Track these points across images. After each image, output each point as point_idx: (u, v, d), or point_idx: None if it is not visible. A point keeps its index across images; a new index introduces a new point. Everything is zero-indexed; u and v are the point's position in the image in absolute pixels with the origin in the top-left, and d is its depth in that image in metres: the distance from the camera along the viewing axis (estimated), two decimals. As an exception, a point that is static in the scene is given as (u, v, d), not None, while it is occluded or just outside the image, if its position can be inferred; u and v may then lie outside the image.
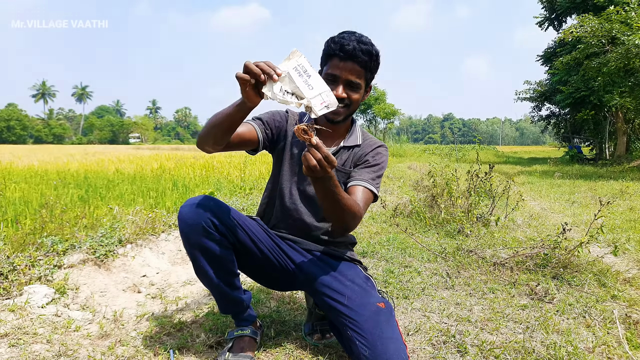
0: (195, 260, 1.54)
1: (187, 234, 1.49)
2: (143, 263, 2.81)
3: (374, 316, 1.48)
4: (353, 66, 1.57)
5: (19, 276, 2.28)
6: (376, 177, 1.70)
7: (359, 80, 1.60)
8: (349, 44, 1.54)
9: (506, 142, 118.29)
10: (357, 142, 1.77)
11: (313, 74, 1.26)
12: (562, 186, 8.75)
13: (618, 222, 4.69)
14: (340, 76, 1.58)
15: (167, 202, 4.81)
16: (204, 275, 1.57)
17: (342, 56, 1.56)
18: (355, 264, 1.80)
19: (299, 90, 1.23)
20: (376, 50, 1.61)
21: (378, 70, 1.68)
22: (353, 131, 1.79)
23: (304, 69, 1.25)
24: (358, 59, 1.56)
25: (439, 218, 4.27)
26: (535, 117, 27.25)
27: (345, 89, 1.59)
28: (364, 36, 1.60)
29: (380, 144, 1.81)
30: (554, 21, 21.82)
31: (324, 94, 1.26)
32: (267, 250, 1.67)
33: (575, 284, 2.66)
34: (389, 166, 11.60)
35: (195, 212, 1.47)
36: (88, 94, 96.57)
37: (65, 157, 14.78)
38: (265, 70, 1.20)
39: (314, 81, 1.25)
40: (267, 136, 1.70)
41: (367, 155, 1.75)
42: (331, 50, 1.58)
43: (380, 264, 3.06)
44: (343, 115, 1.65)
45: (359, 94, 1.63)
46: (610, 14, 12.14)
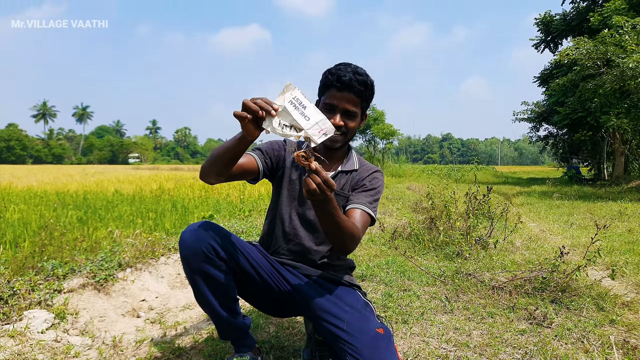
0: (196, 285, 1.55)
1: (188, 259, 1.51)
2: (142, 287, 2.82)
3: (373, 342, 1.48)
4: (349, 96, 1.65)
5: (19, 301, 2.29)
6: (373, 201, 1.74)
7: (355, 109, 1.68)
8: (345, 75, 1.62)
9: (505, 162, 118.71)
10: (354, 167, 1.83)
11: (308, 105, 1.31)
12: (561, 207, 8.77)
13: (616, 244, 4.70)
14: (337, 105, 1.65)
15: (166, 224, 4.83)
16: (203, 300, 1.59)
17: (339, 86, 1.63)
18: (354, 289, 1.82)
19: (296, 122, 1.28)
20: (371, 81, 1.69)
21: (373, 99, 1.76)
22: (350, 157, 1.85)
23: (299, 102, 1.30)
24: (354, 89, 1.64)
25: (438, 240, 4.28)
26: (534, 137, 27.41)
27: (343, 117, 1.66)
28: (359, 67, 1.68)
29: (376, 169, 1.87)
30: (550, 43, 22.17)
31: (320, 122, 1.31)
32: (266, 275, 1.69)
33: (573, 308, 2.66)
34: (388, 187, 11.64)
35: (196, 237, 1.50)
36: (89, 114, 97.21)
37: (64, 178, 14.82)
38: (262, 107, 1.26)
39: (310, 112, 1.31)
40: (267, 165, 1.75)
41: (364, 179, 1.80)
42: (328, 81, 1.66)
43: (380, 287, 3.07)
44: (340, 142, 1.71)
45: (355, 122, 1.71)
46: (605, 37, 12.36)
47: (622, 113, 12.80)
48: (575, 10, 20.42)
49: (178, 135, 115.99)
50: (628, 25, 11.86)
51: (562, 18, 20.86)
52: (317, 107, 1.34)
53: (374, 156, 22.60)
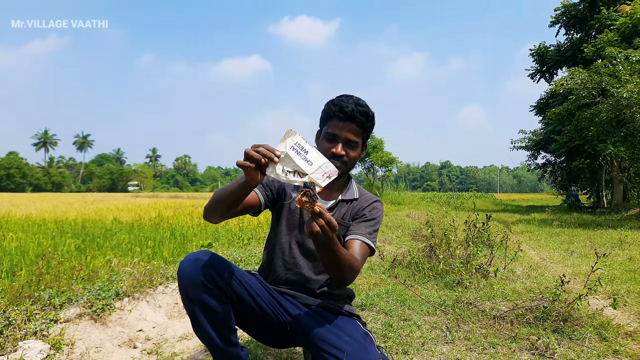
0: (193, 315, 1.54)
1: (186, 288, 1.51)
2: (139, 317, 2.78)
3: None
4: (351, 126, 1.70)
5: (14, 331, 2.26)
6: (373, 231, 1.76)
7: (357, 139, 1.73)
8: (347, 106, 1.68)
9: (504, 190, 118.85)
10: (355, 195, 1.85)
11: (310, 149, 1.33)
12: (561, 235, 8.74)
13: (617, 272, 4.67)
14: (339, 135, 1.70)
15: (164, 252, 4.80)
16: (201, 330, 1.57)
17: (342, 117, 1.69)
18: (354, 319, 1.80)
19: (299, 167, 1.31)
20: (372, 112, 1.75)
21: (373, 130, 1.80)
22: (350, 186, 1.87)
23: (300, 147, 1.32)
24: (356, 120, 1.69)
25: (438, 269, 4.25)
26: (532, 165, 27.56)
27: (344, 147, 1.71)
28: (361, 99, 1.74)
29: (376, 199, 1.89)
30: (545, 73, 22.58)
31: (323, 165, 1.33)
32: (265, 305, 1.68)
33: (576, 338, 2.63)
34: (387, 214, 11.63)
35: (195, 266, 1.50)
36: (89, 143, 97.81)
37: (63, 206, 14.80)
38: (265, 155, 1.29)
39: (312, 156, 1.33)
40: (268, 198, 1.78)
41: (365, 209, 1.82)
42: (331, 112, 1.71)
43: (379, 317, 3.03)
44: (341, 171, 1.73)
45: (356, 152, 1.75)
46: (599, 67, 12.61)
47: (619, 141, 12.91)
48: (569, 42, 20.92)
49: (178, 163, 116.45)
50: (621, 56, 12.12)
51: (556, 49, 21.33)
52: (319, 151, 1.35)
53: (373, 184, 22.64)
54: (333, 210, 1.80)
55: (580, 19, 19.89)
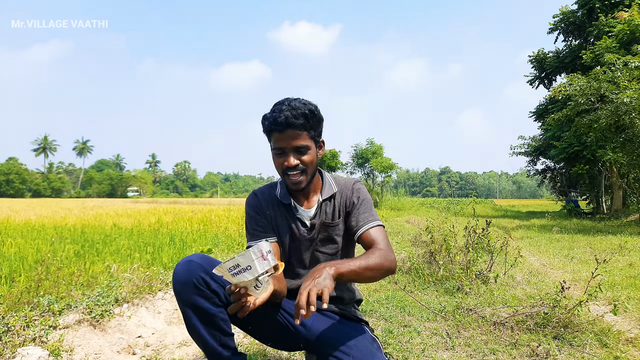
0: (187, 317, 1.53)
1: (179, 291, 1.49)
2: (139, 323, 2.78)
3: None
4: (293, 133, 1.62)
5: (13, 337, 2.25)
6: (372, 211, 1.79)
7: (305, 142, 1.65)
8: (279, 116, 1.60)
9: (504, 196, 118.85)
10: (333, 190, 1.83)
11: (239, 260, 1.30)
12: (561, 241, 8.73)
13: (617, 279, 4.66)
14: (285, 147, 1.64)
15: (163, 258, 4.79)
16: (195, 333, 1.55)
17: (279, 129, 1.61)
18: (362, 324, 1.80)
19: (252, 279, 1.30)
20: (310, 109, 1.65)
21: (322, 124, 1.73)
22: (325, 183, 1.84)
23: (232, 269, 1.30)
24: (294, 125, 1.61)
25: (438, 275, 4.25)
26: (531, 171, 27.59)
27: (295, 155, 1.65)
28: (295, 100, 1.65)
29: (354, 181, 1.88)
30: (544, 79, 22.67)
31: (255, 256, 1.30)
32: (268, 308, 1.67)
33: (576, 344, 2.62)
34: (387, 220, 11.63)
35: (188, 269, 1.49)
36: (89, 148, 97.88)
37: (62, 211, 14.78)
38: (239, 301, 1.32)
39: (243, 261, 1.30)
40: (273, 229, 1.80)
41: (352, 197, 1.81)
42: (268, 127, 1.65)
43: (380, 323, 3.02)
44: (305, 181, 1.69)
45: (310, 155, 1.68)
46: (598, 74, 12.66)
47: (618, 147, 12.95)
48: (568, 48, 21.04)
49: (177, 168, 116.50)
50: (620, 63, 12.17)
51: (555, 55, 21.44)
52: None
53: (373, 189, 22.63)
54: (316, 216, 1.79)
55: (578, 25, 20.02)
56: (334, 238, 1.80)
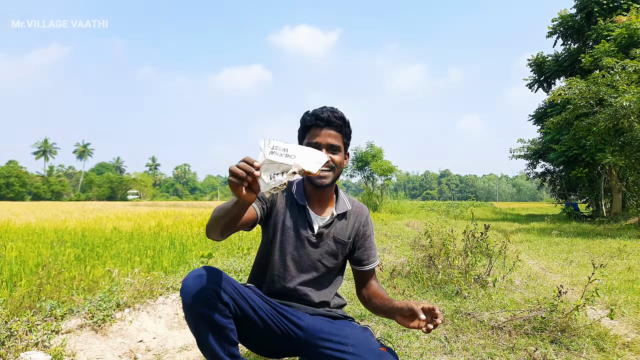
0: (199, 331, 1.56)
1: (191, 305, 1.52)
2: (140, 328, 2.80)
3: (379, 358, 1.59)
4: (330, 131, 1.75)
5: (16, 342, 2.27)
6: (375, 246, 1.98)
7: (338, 143, 1.78)
8: (323, 113, 1.74)
9: (503, 198, 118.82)
10: (347, 207, 1.91)
11: (289, 146, 1.28)
12: (560, 244, 8.76)
13: (616, 283, 4.69)
14: (321, 142, 1.74)
15: (164, 262, 4.82)
16: (206, 345, 1.58)
17: (320, 124, 1.74)
18: (349, 320, 1.90)
19: (285, 165, 1.26)
20: (347, 119, 1.82)
21: (351, 137, 1.88)
22: (339, 197, 1.91)
23: (278, 149, 1.26)
24: (334, 124, 1.75)
25: (437, 279, 4.27)
26: (531, 174, 27.65)
27: (329, 152, 1.75)
28: (334, 107, 1.80)
29: (367, 211, 2.01)
30: (543, 83, 22.76)
31: (309, 154, 1.30)
32: (267, 317, 1.71)
33: (573, 348, 2.65)
34: (387, 223, 11.66)
35: (199, 283, 1.52)
36: (89, 152, 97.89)
37: (63, 215, 14.80)
38: (245, 169, 1.25)
39: (294, 150, 1.28)
40: (264, 211, 1.80)
41: (365, 228, 1.94)
42: (308, 122, 1.77)
43: (378, 327, 3.05)
44: (330, 179, 1.77)
45: (340, 157, 1.79)
46: (597, 78, 12.71)
47: (617, 150, 12.99)
48: (566, 52, 21.12)
49: (177, 171, 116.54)
50: (618, 67, 12.23)
51: (554, 59, 21.53)
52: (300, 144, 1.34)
53: (373, 192, 22.65)
54: (330, 227, 1.85)
55: (577, 29, 20.10)
56: (339, 255, 1.88)
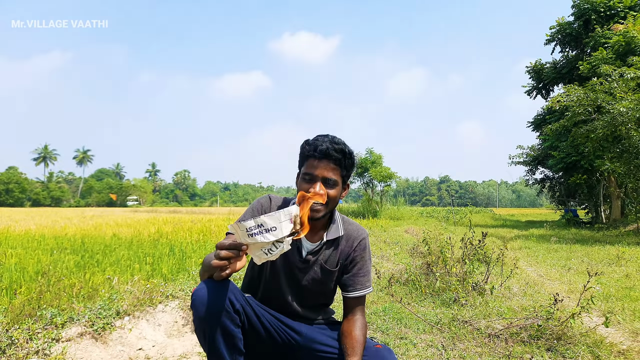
0: (213, 342, 1.54)
1: (205, 313, 1.50)
2: (139, 335, 2.82)
3: (377, 354, 1.65)
4: (327, 164, 1.69)
5: (17, 350, 2.30)
6: (368, 274, 1.87)
7: (335, 177, 1.71)
8: (322, 145, 1.68)
9: (503, 205, 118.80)
10: (339, 233, 1.85)
11: (261, 220, 1.30)
12: (559, 251, 8.78)
13: (613, 290, 4.71)
14: (316, 175, 1.68)
15: (163, 269, 4.83)
16: (217, 354, 1.57)
17: (317, 156, 1.68)
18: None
19: (273, 239, 1.30)
20: (349, 150, 1.74)
21: (354, 169, 1.80)
22: (333, 222, 1.86)
23: (255, 227, 1.30)
24: (332, 157, 1.68)
25: (435, 286, 4.30)
26: (530, 180, 27.70)
27: (322, 186, 1.68)
28: (336, 137, 1.75)
29: (362, 235, 1.90)
30: (542, 90, 22.86)
31: (282, 217, 1.31)
32: (270, 326, 1.74)
33: (569, 356, 2.67)
34: (386, 230, 11.66)
35: (214, 292, 1.51)
36: (89, 158, 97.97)
37: (62, 221, 14.81)
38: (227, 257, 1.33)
39: (269, 222, 1.31)
40: None
41: (355, 252, 1.86)
42: (306, 152, 1.72)
43: (376, 335, 3.07)
44: (322, 212, 1.72)
45: (335, 191, 1.72)
46: (594, 85, 12.80)
47: (615, 157, 13.05)
48: (564, 59, 21.23)
49: (177, 177, 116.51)
50: (616, 74, 12.32)
51: (552, 66, 21.64)
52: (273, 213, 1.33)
53: (372, 199, 22.67)
54: (318, 254, 1.82)
55: (575, 37, 20.24)
56: (326, 282, 1.85)
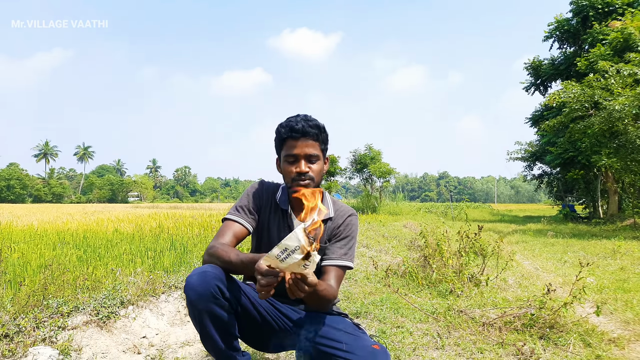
0: (203, 325, 1.64)
1: (196, 301, 1.59)
2: (143, 324, 2.90)
3: (372, 356, 1.63)
4: (306, 141, 1.76)
5: (24, 337, 2.37)
6: (348, 250, 1.87)
7: (316, 152, 1.79)
8: (297, 124, 1.75)
9: (502, 200, 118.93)
10: (330, 214, 1.91)
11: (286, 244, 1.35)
12: (556, 245, 8.87)
13: (607, 282, 4.80)
14: (298, 154, 1.76)
15: (165, 262, 4.91)
16: (209, 339, 1.67)
17: (295, 136, 1.76)
18: (343, 317, 1.94)
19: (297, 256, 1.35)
20: (322, 124, 1.83)
21: (329, 141, 1.88)
22: (324, 203, 1.90)
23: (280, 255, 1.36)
24: (309, 134, 1.76)
25: (431, 278, 4.38)
26: (528, 176, 27.81)
27: (306, 163, 1.77)
28: (307, 115, 1.82)
29: (350, 212, 1.95)
30: (540, 86, 22.92)
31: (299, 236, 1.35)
32: (265, 312, 1.81)
33: (561, 344, 2.75)
34: (385, 225, 11.73)
35: (203, 279, 1.59)
36: (90, 154, 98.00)
37: (64, 217, 14.87)
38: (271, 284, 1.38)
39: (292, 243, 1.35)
40: (255, 221, 1.88)
41: (339, 227, 1.90)
42: (283, 134, 1.78)
43: (373, 324, 3.15)
44: (312, 187, 1.78)
45: (319, 165, 1.82)
46: (592, 81, 12.86)
47: (612, 153, 13.13)
48: (562, 56, 21.28)
49: (178, 174, 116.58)
50: (613, 70, 12.38)
51: (550, 63, 21.69)
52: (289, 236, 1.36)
53: (371, 194, 22.75)
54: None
55: (573, 33, 20.29)
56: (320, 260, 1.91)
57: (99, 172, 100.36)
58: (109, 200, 77.87)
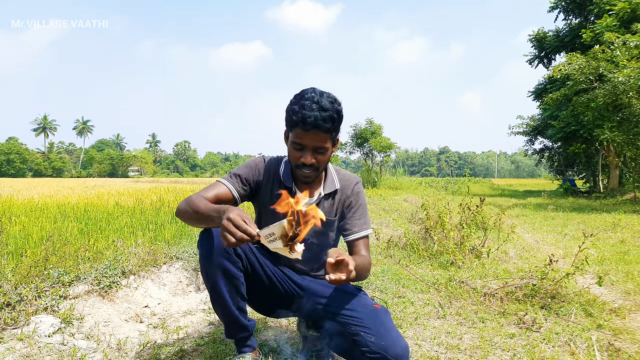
0: (214, 281, 1.64)
1: (209, 255, 1.62)
2: (145, 294, 2.91)
3: (374, 312, 1.68)
4: (316, 135, 1.61)
5: (26, 306, 2.37)
6: (365, 218, 1.90)
7: (326, 145, 1.67)
8: (310, 116, 1.57)
9: (502, 175, 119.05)
10: (335, 186, 1.87)
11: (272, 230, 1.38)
12: (556, 219, 8.88)
13: (608, 254, 4.80)
14: (306, 145, 1.65)
15: (166, 235, 4.91)
16: (219, 296, 1.67)
17: (306, 127, 1.59)
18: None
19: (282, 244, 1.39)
20: (338, 110, 1.64)
21: (342, 123, 1.72)
22: (328, 176, 1.88)
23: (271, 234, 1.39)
24: (321, 128, 1.60)
25: (433, 250, 4.38)
26: (529, 150, 27.69)
27: (313, 154, 1.67)
28: (324, 100, 1.61)
29: (356, 180, 1.93)
30: (544, 59, 22.54)
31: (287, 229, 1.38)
32: (273, 275, 1.81)
33: (562, 313, 2.75)
34: (385, 199, 11.75)
35: (215, 236, 1.62)
36: (89, 128, 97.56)
37: (64, 191, 14.87)
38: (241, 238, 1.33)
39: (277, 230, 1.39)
40: (245, 191, 1.81)
41: (350, 198, 1.89)
42: (293, 122, 1.62)
43: (375, 294, 3.15)
44: (313, 177, 1.75)
45: (326, 155, 1.71)
46: (597, 53, 12.63)
47: (615, 126, 13.01)
48: (567, 27, 20.85)
49: (178, 148, 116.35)
50: (619, 42, 12.13)
51: (555, 34, 21.27)
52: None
53: (372, 169, 22.71)
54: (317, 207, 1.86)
55: (579, 4, 19.80)
56: (328, 232, 1.89)
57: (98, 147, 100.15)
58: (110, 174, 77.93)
